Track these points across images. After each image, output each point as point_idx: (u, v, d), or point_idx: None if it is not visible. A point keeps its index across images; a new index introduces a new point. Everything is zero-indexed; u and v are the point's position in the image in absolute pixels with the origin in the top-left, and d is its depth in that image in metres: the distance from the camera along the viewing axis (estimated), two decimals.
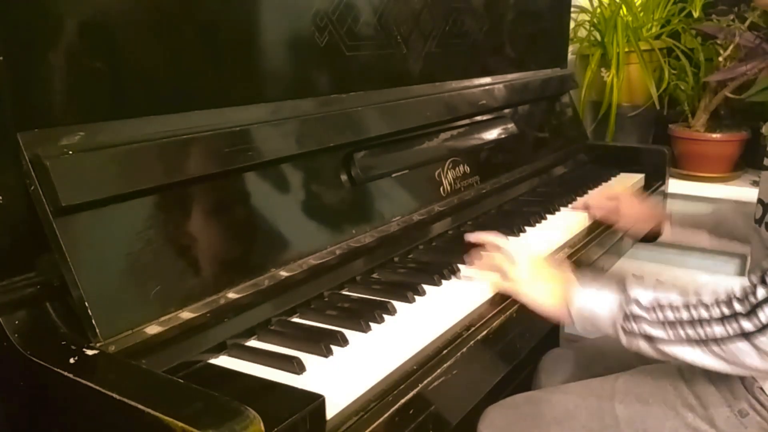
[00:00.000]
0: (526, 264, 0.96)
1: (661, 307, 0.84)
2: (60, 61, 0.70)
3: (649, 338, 0.85)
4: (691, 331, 0.82)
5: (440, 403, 0.77)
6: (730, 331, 0.79)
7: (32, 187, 0.67)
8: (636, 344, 0.87)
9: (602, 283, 0.92)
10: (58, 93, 0.71)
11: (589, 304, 0.90)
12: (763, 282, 0.79)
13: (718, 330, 0.80)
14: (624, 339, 0.87)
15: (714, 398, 0.94)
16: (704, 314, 0.81)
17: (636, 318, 0.85)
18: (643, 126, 2.02)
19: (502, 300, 0.94)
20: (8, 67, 0.65)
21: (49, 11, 0.69)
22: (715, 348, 0.81)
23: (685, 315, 0.83)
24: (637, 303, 0.86)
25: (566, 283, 0.94)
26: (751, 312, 0.78)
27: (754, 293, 0.79)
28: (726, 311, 0.80)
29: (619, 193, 1.34)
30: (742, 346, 0.79)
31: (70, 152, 0.68)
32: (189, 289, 0.75)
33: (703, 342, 0.82)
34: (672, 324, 0.83)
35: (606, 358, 1.22)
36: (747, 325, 0.78)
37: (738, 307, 0.79)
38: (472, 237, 1.04)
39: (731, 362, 0.81)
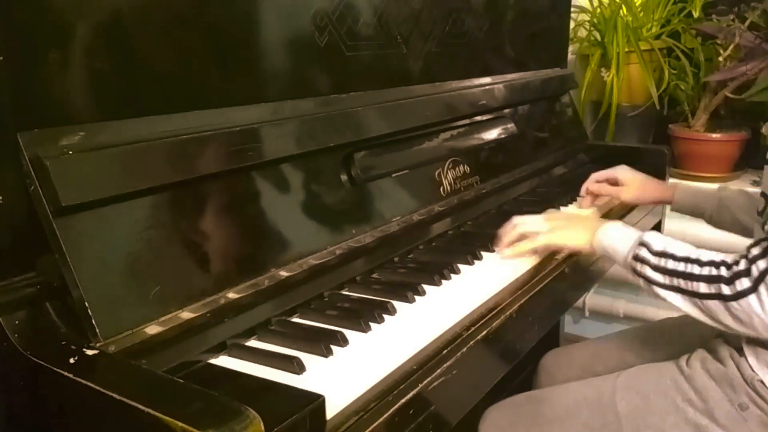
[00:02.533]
0: (546, 217, 1.09)
1: (666, 255, 0.93)
2: (60, 61, 0.70)
3: (648, 279, 0.95)
4: (681, 282, 0.91)
5: (440, 403, 0.77)
6: (712, 290, 0.88)
7: (32, 187, 0.67)
8: (637, 281, 0.97)
9: (626, 225, 1.03)
10: (58, 93, 0.71)
11: (611, 241, 1.01)
12: (745, 256, 0.86)
13: (702, 286, 0.89)
14: (631, 275, 0.98)
15: (714, 393, 0.95)
16: (696, 270, 0.90)
17: (642, 260, 0.95)
18: (643, 126, 2.02)
19: (502, 300, 0.94)
20: (8, 67, 0.65)
21: (49, 11, 0.69)
22: (697, 301, 0.90)
23: (681, 266, 0.91)
24: (648, 247, 0.95)
25: (592, 221, 1.08)
26: (731, 279, 0.86)
27: (737, 263, 0.87)
28: (714, 272, 0.88)
29: (621, 171, 1.36)
30: (718, 305, 0.88)
31: (70, 152, 0.68)
32: (189, 289, 0.75)
33: (689, 293, 0.91)
34: (669, 272, 0.92)
35: (606, 358, 1.22)
36: (726, 290, 0.86)
37: (724, 271, 0.87)
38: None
39: (709, 316, 0.90)
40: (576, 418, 1.03)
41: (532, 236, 1.06)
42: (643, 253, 0.95)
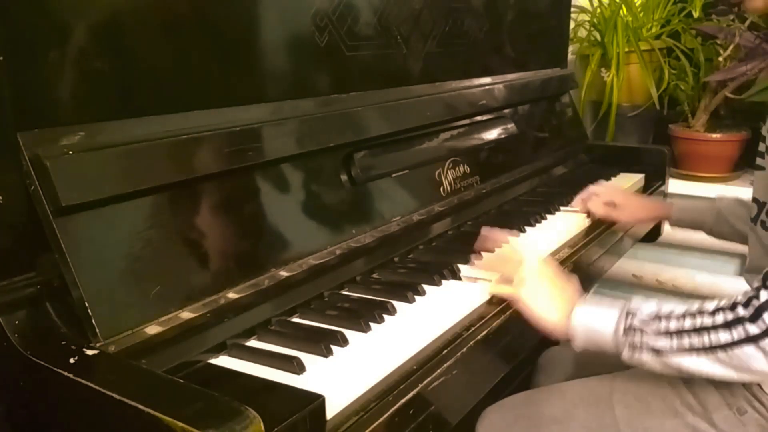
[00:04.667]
0: (532, 270, 0.93)
1: (663, 317, 0.83)
2: (60, 61, 0.70)
3: (653, 350, 0.83)
4: (695, 340, 0.80)
5: (440, 403, 0.77)
6: (736, 336, 0.78)
7: (32, 187, 0.67)
8: (639, 357, 0.85)
9: (603, 303, 0.90)
10: (58, 93, 0.71)
11: (591, 320, 0.88)
12: (765, 285, 0.78)
13: (723, 336, 0.79)
14: (627, 353, 0.86)
15: (712, 397, 0.94)
16: (708, 321, 0.80)
17: (638, 330, 0.84)
18: (643, 126, 2.02)
19: (502, 300, 0.94)
20: (8, 67, 0.65)
21: (49, 11, 0.69)
22: (721, 355, 0.79)
23: (688, 323, 0.81)
24: (639, 315, 0.85)
25: (568, 299, 0.91)
26: (756, 315, 0.77)
27: (757, 296, 0.78)
28: (730, 316, 0.79)
29: (616, 193, 1.35)
30: (748, 351, 0.78)
31: (70, 152, 0.68)
32: (189, 289, 0.75)
33: (709, 350, 0.80)
34: (675, 334, 0.82)
35: (606, 357, 1.21)
36: (752, 328, 0.77)
37: (742, 311, 0.78)
38: (486, 231, 1.04)
39: (738, 368, 0.80)
40: (573, 419, 1.03)
41: (505, 277, 0.95)
42: (636, 322, 0.84)
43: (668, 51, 1.96)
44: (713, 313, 0.80)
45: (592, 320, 0.88)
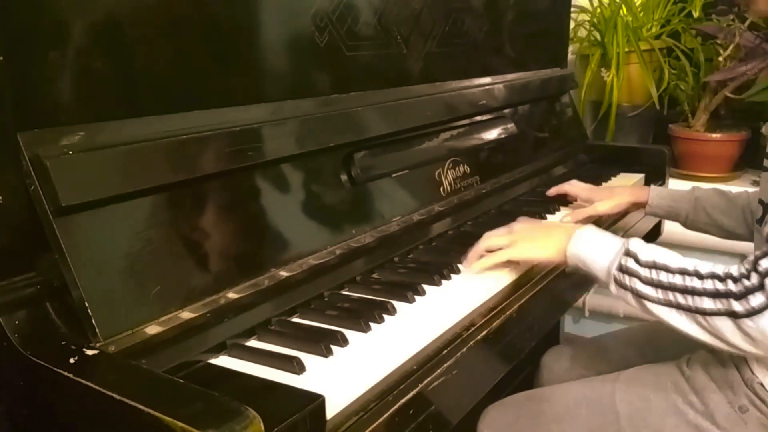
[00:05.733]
0: (521, 226, 0.99)
1: (657, 266, 0.85)
2: (60, 61, 0.70)
3: (638, 294, 0.86)
4: (680, 298, 0.83)
5: (440, 403, 0.77)
6: (720, 307, 0.80)
7: (32, 187, 0.67)
8: (624, 296, 0.88)
9: (602, 232, 0.93)
10: (58, 93, 0.71)
11: (588, 248, 0.90)
12: (755, 269, 0.79)
13: (707, 303, 0.81)
14: (614, 288, 0.88)
15: (714, 395, 0.95)
16: (697, 284, 0.82)
17: (630, 272, 0.86)
18: (643, 126, 2.02)
19: (502, 300, 0.94)
20: (8, 67, 0.65)
21: (49, 11, 0.69)
22: (701, 319, 0.82)
23: (678, 279, 0.83)
24: (635, 257, 0.86)
25: (566, 229, 0.95)
26: (744, 295, 0.79)
27: (748, 277, 0.79)
28: (720, 287, 0.80)
29: (583, 191, 1.34)
30: (727, 324, 0.80)
31: (70, 152, 0.68)
32: (189, 289, 0.75)
33: (690, 311, 0.82)
34: (664, 286, 0.84)
35: (606, 356, 1.22)
36: (737, 306, 0.79)
37: (732, 286, 0.80)
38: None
39: (713, 335, 0.82)
40: (575, 418, 1.03)
41: (496, 251, 0.98)
42: (631, 264, 0.86)
43: (668, 51, 1.96)
44: (705, 277, 0.82)
45: (591, 247, 0.90)
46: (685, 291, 0.83)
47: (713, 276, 0.82)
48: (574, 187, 1.37)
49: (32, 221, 0.67)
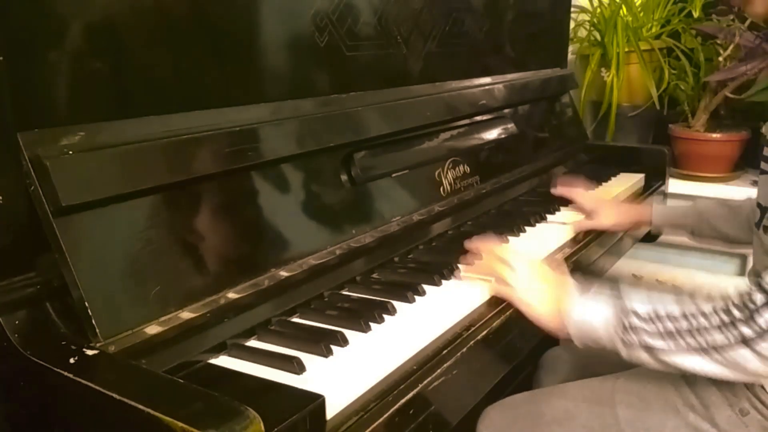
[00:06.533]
0: (523, 269, 0.94)
1: (660, 317, 0.84)
2: (60, 61, 0.70)
3: (650, 349, 0.84)
4: (691, 341, 0.81)
5: (440, 403, 0.77)
6: (731, 339, 0.79)
7: (32, 187, 0.67)
8: (636, 355, 0.86)
9: (598, 292, 0.90)
10: (58, 93, 0.71)
11: (587, 317, 0.88)
12: (760, 287, 0.78)
13: (718, 338, 0.80)
14: (624, 351, 0.86)
15: (715, 398, 0.94)
16: (703, 322, 0.81)
17: (635, 330, 0.84)
18: (643, 126, 2.02)
19: (502, 300, 0.94)
20: (8, 67, 0.65)
21: (49, 11, 0.69)
22: (716, 356, 0.80)
23: (684, 324, 0.82)
24: (636, 314, 0.85)
25: (563, 293, 0.91)
26: (750, 318, 0.78)
27: (751, 299, 0.78)
28: (725, 318, 0.79)
29: (589, 201, 1.34)
30: (743, 353, 0.79)
31: (70, 152, 0.68)
32: (189, 289, 0.75)
33: (704, 350, 0.81)
34: (672, 334, 0.83)
35: (606, 358, 1.21)
36: (747, 331, 0.78)
37: (737, 313, 0.79)
38: (471, 245, 1.03)
39: (733, 368, 0.81)
40: (575, 419, 1.03)
41: (499, 278, 0.94)
42: (634, 322, 0.84)
43: (668, 51, 1.96)
44: (709, 314, 0.81)
45: (588, 317, 0.88)
46: (693, 332, 0.81)
47: (716, 310, 0.81)
48: (578, 196, 1.36)
49: (32, 221, 0.67)
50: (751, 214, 1.18)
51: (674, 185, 1.83)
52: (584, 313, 0.88)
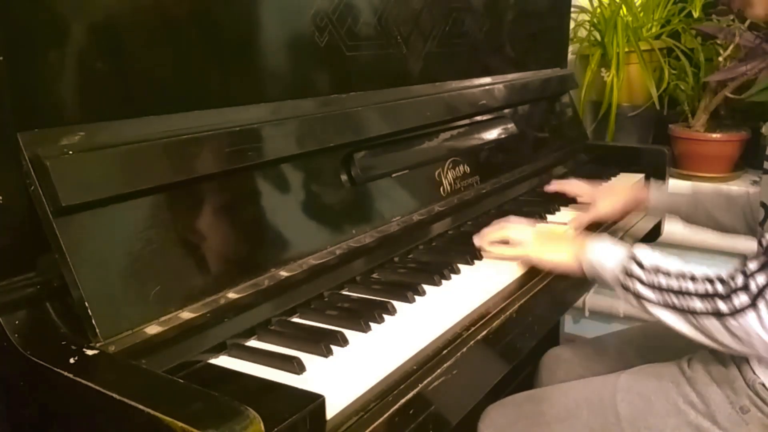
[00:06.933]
0: (534, 232, 1.05)
1: (658, 270, 0.90)
2: (60, 61, 0.70)
3: (639, 296, 0.91)
4: (675, 299, 0.88)
5: (440, 403, 0.77)
6: (707, 309, 0.85)
7: (32, 187, 0.67)
8: (627, 297, 0.94)
9: (614, 241, 0.99)
10: (58, 93, 0.71)
11: (598, 256, 0.97)
12: (742, 271, 0.84)
13: (697, 304, 0.86)
14: (620, 292, 0.94)
15: (715, 395, 0.95)
16: (690, 287, 0.87)
17: (633, 276, 0.92)
18: (643, 126, 2.02)
19: (502, 300, 0.94)
20: (8, 67, 0.65)
21: (49, 11, 0.69)
22: (692, 319, 0.87)
23: (674, 283, 0.88)
24: (638, 262, 0.92)
25: (577, 241, 1.02)
26: (728, 295, 0.83)
27: (734, 278, 0.84)
28: (709, 289, 0.85)
29: (583, 189, 1.36)
30: (715, 324, 0.85)
31: (70, 152, 0.68)
32: (189, 289, 0.75)
33: (683, 311, 0.87)
34: (661, 289, 0.89)
35: (606, 357, 1.22)
36: (722, 306, 0.83)
37: (720, 287, 0.84)
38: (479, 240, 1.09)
39: (705, 335, 0.87)
40: (576, 418, 1.03)
41: (516, 244, 1.05)
42: (634, 268, 0.92)
43: (668, 51, 1.96)
44: (698, 280, 0.87)
45: (601, 258, 0.97)
46: (679, 293, 0.88)
47: (705, 278, 0.87)
48: (573, 187, 1.38)
49: (32, 221, 0.67)
50: (747, 206, 1.20)
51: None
52: (598, 253, 0.97)
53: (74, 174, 0.68)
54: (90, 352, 0.65)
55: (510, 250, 1.05)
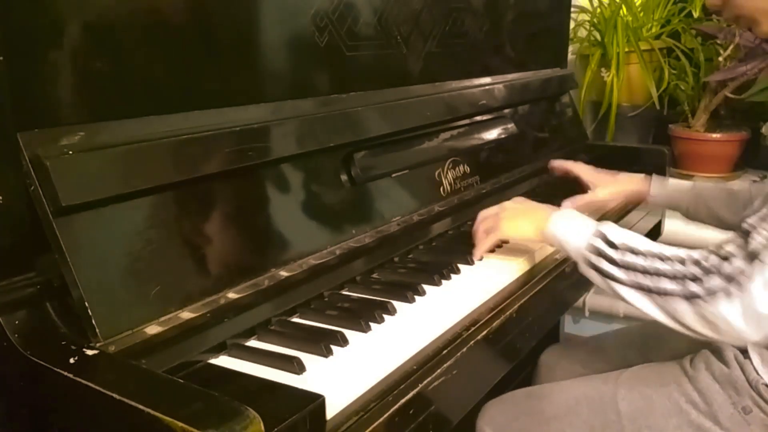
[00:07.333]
0: (510, 204, 1.05)
1: (626, 248, 0.86)
2: (60, 61, 0.70)
3: (604, 274, 0.87)
4: (642, 278, 0.84)
5: (440, 403, 0.77)
6: (676, 288, 0.81)
7: (32, 187, 0.67)
8: (591, 274, 0.90)
9: (579, 215, 0.96)
10: (58, 93, 0.71)
11: (564, 228, 0.94)
12: (717, 253, 0.80)
13: (666, 284, 0.82)
14: (582, 267, 0.91)
15: (717, 395, 0.94)
16: (660, 266, 0.83)
17: (598, 252, 0.88)
18: (643, 126, 2.02)
19: (502, 300, 0.94)
20: (8, 67, 0.65)
21: (49, 11, 0.69)
22: (659, 300, 0.83)
23: (641, 261, 0.84)
24: (605, 238, 0.88)
25: (548, 210, 1.00)
26: (701, 277, 0.80)
27: (706, 259, 0.80)
28: (679, 268, 0.81)
29: (584, 171, 1.35)
30: (684, 306, 0.80)
31: (70, 152, 0.68)
32: (189, 289, 0.75)
33: (651, 291, 0.83)
34: (628, 266, 0.85)
35: (605, 355, 1.22)
36: (694, 288, 0.80)
37: (692, 268, 0.81)
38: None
39: (672, 318, 0.83)
40: (577, 415, 1.03)
41: (492, 230, 1.04)
42: (599, 244, 0.88)
43: (668, 51, 1.96)
44: (667, 259, 0.83)
45: (566, 228, 0.94)
46: (646, 271, 0.83)
47: (676, 258, 0.83)
48: (577, 166, 1.38)
49: (32, 221, 0.67)
50: (749, 201, 1.19)
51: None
52: (563, 223, 0.94)
53: (74, 174, 0.68)
54: (90, 352, 0.65)
55: (488, 240, 1.04)
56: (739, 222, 1.13)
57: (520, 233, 1.01)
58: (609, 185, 1.31)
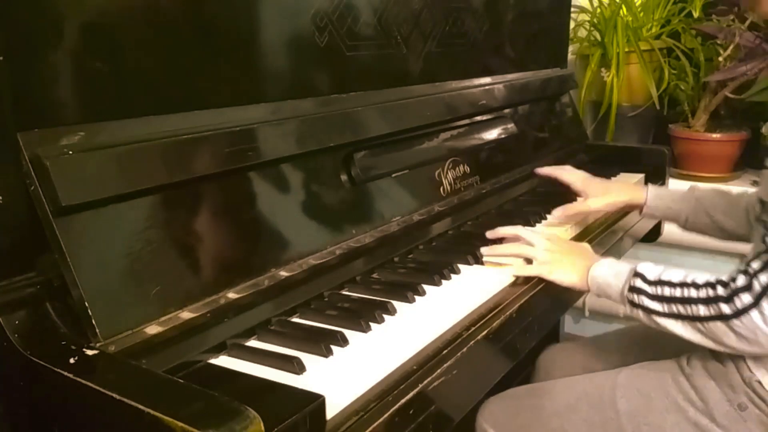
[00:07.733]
0: (546, 244, 1.04)
1: (662, 282, 0.92)
2: (60, 61, 0.70)
3: (646, 309, 0.93)
4: (680, 308, 0.90)
5: (440, 403, 0.77)
6: (711, 312, 0.87)
7: (32, 187, 0.67)
8: (636, 313, 0.95)
9: (617, 262, 1.01)
10: (58, 93, 0.71)
11: (604, 275, 0.99)
12: (745, 272, 0.85)
13: (702, 310, 0.88)
14: (628, 308, 0.96)
15: (714, 393, 0.95)
16: (693, 294, 0.89)
17: (638, 291, 0.93)
18: (643, 126, 2.02)
19: (502, 300, 0.94)
20: (8, 67, 0.65)
21: (49, 11, 0.69)
22: (699, 325, 0.89)
23: (678, 292, 0.90)
24: (642, 277, 0.94)
25: (586, 257, 1.04)
26: (731, 298, 0.85)
27: (735, 279, 0.86)
28: (711, 293, 0.87)
29: (576, 179, 1.31)
30: (720, 327, 0.86)
31: (70, 152, 0.68)
32: (189, 289, 0.75)
33: (689, 318, 0.89)
34: (667, 299, 0.91)
35: (606, 355, 1.22)
36: (725, 308, 0.85)
37: (721, 291, 0.86)
38: (491, 234, 1.10)
39: (711, 339, 0.89)
40: (576, 413, 1.03)
41: (525, 259, 1.03)
42: (639, 283, 0.94)
43: (668, 51, 1.96)
44: (700, 287, 0.89)
45: (607, 277, 0.99)
46: (684, 301, 0.90)
47: (707, 284, 0.88)
48: (567, 173, 1.33)
49: (32, 221, 0.67)
50: (750, 207, 1.18)
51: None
52: (604, 271, 0.99)
53: (74, 174, 0.68)
54: (90, 352, 0.65)
55: (520, 269, 1.02)
56: (745, 232, 1.14)
57: (568, 282, 1.03)
58: (600, 197, 1.25)
